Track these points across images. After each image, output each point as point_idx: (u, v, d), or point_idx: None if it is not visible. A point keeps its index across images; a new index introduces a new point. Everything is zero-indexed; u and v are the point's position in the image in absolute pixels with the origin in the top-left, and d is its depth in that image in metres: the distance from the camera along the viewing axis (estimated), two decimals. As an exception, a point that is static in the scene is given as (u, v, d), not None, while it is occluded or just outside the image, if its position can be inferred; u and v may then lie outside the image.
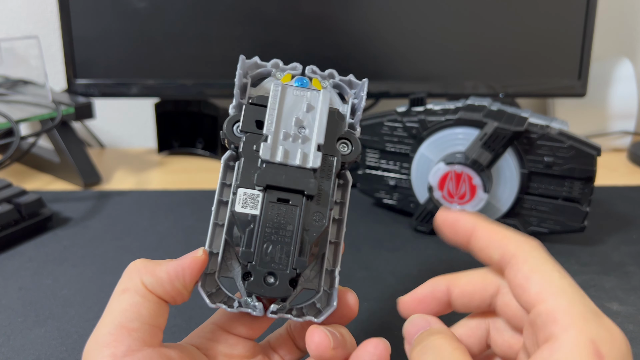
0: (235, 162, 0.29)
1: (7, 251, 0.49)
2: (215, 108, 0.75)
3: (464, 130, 0.50)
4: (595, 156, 0.47)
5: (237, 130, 0.29)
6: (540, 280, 0.22)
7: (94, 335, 0.25)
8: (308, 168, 0.28)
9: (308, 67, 0.30)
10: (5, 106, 0.65)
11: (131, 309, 0.25)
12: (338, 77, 0.31)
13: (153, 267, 0.27)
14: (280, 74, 0.30)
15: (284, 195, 0.27)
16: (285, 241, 0.27)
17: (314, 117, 0.29)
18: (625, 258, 0.48)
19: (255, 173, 0.27)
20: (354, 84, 0.31)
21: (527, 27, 0.67)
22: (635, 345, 0.37)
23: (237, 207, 0.27)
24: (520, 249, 0.24)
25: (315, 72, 0.31)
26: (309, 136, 0.28)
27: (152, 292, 0.26)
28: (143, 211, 0.58)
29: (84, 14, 0.66)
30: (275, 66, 0.30)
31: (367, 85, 0.31)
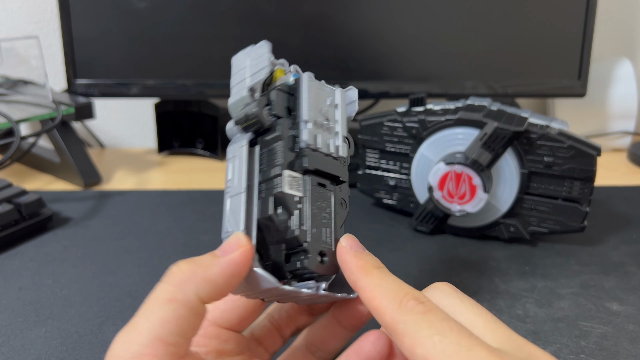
0: (253, 146, 0.29)
1: (8, 251, 0.49)
2: (215, 108, 0.75)
3: (464, 130, 0.50)
4: (595, 156, 0.47)
5: (269, 113, 0.29)
6: (423, 351, 0.22)
7: (124, 340, 0.23)
8: (337, 157, 0.30)
9: (292, 66, 0.32)
10: (5, 106, 0.65)
11: (175, 322, 0.23)
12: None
13: (204, 272, 0.25)
14: (270, 67, 0.32)
15: (322, 180, 0.29)
16: (327, 223, 0.28)
17: (336, 111, 0.30)
18: (625, 258, 0.48)
19: (301, 156, 0.28)
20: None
21: (527, 27, 0.67)
22: (635, 345, 0.37)
23: (285, 188, 0.27)
24: (396, 320, 0.23)
25: (298, 72, 0.32)
26: (335, 128, 0.30)
27: (207, 302, 0.24)
28: (143, 211, 0.58)
29: (84, 14, 0.66)
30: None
31: (356, 93, 0.32)
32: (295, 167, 0.28)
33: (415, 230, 0.54)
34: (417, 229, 0.53)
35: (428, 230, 0.53)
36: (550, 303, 0.41)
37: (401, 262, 0.47)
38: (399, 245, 0.51)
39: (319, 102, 0.30)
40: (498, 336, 0.23)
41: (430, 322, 0.22)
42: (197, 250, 0.49)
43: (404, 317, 0.23)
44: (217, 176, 0.70)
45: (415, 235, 0.53)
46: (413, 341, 0.22)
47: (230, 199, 0.28)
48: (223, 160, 0.76)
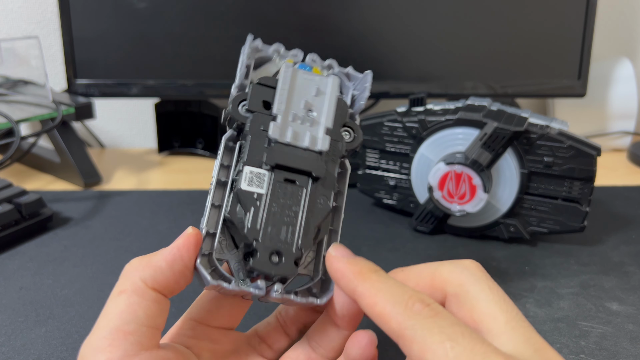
0: (236, 143, 0.29)
1: (8, 251, 0.49)
2: (215, 108, 0.75)
3: (464, 130, 0.50)
4: (595, 156, 0.47)
5: (243, 110, 0.29)
6: (435, 358, 0.21)
7: (88, 339, 0.24)
8: (316, 150, 0.28)
9: (309, 55, 0.31)
10: (5, 106, 0.65)
11: (128, 311, 0.24)
12: (337, 68, 0.31)
13: (149, 260, 0.26)
14: (281, 59, 0.30)
15: (290, 176, 0.27)
16: (290, 221, 0.27)
17: (323, 101, 0.29)
18: (624, 258, 0.48)
19: (263, 152, 0.27)
20: (351, 77, 0.31)
21: (526, 27, 0.67)
22: (635, 345, 0.37)
23: (242, 184, 0.27)
24: (403, 326, 0.22)
25: (315, 61, 0.31)
26: (318, 120, 0.29)
27: (154, 287, 0.25)
28: (143, 211, 0.58)
29: (84, 14, 0.66)
30: (277, 51, 0.31)
31: (370, 77, 0.31)
32: (256, 163, 0.27)
33: (415, 230, 0.54)
34: (417, 229, 0.53)
35: (428, 230, 0.53)
36: (550, 303, 0.41)
37: (401, 262, 0.47)
38: (398, 245, 0.51)
39: (301, 93, 0.29)
40: (517, 337, 0.22)
41: (440, 327, 0.21)
42: (197, 250, 0.49)
43: (411, 322, 0.22)
44: (217, 176, 0.70)
45: (415, 235, 0.53)
46: (423, 347, 0.21)
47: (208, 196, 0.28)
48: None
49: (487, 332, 0.23)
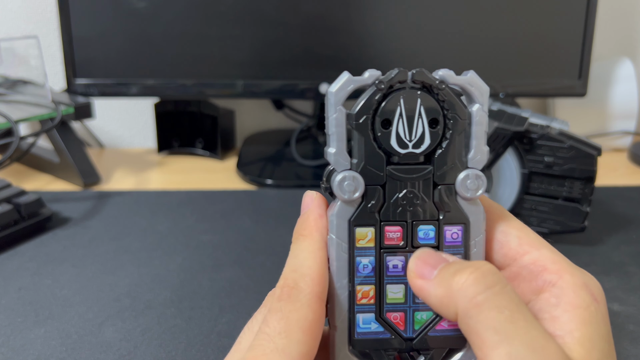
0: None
1: (7, 251, 0.49)
2: (215, 108, 0.75)
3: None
4: (596, 156, 0.47)
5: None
6: (519, 233, 0.23)
7: None
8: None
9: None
10: (5, 106, 0.65)
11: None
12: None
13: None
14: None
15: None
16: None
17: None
18: (625, 258, 0.48)
19: None
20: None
21: (527, 27, 0.67)
22: (636, 345, 0.37)
23: None
24: (492, 208, 0.25)
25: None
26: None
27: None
28: (143, 211, 0.58)
29: (84, 14, 0.66)
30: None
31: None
32: None
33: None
34: (417, 229, 0.53)
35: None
36: (551, 303, 0.41)
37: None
38: (399, 245, 0.51)
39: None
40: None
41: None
42: (197, 251, 0.49)
43: (501, 209, 0.24)
44: (216, 176, 0.70)
45: (415, 235, 0.53)
46: (509, 224, 0.24)
47: None
48: (223, 160, 0.76)
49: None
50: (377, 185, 0.24)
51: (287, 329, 0.22)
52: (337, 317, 0.25)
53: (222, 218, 0.56)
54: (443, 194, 0.25)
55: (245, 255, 0.48)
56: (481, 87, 0.25)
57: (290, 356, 0.21)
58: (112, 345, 0.37)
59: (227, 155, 0.78)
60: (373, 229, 0.25)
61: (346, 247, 0.24)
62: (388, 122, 0.24)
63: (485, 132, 0.25)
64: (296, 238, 0.25)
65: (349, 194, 0.24)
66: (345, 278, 0.25)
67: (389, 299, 0.25)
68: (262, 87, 0.68)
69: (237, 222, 0.55)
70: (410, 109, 0.24)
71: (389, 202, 0.25)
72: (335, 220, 0.24)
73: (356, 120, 0.24)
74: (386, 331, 0.25)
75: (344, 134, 0.24)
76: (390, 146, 0.24)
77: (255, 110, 0.85)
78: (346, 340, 0.25)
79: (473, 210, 0.25)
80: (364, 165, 0.24)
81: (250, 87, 0.67)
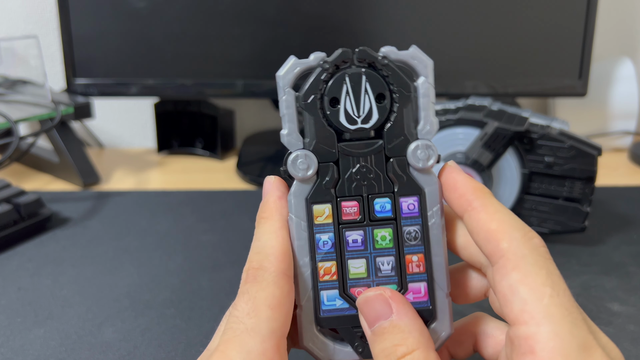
0: None
1: (6, 251, 0.49)
2: (214, 108, 0.75)
3: (465, 130, 0.49)
4: (596, 156, 0.46)
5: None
6: (527, 296, 0.20)
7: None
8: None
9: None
10: (4, 106, 0.65)
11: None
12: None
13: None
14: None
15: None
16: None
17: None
18: (626, 258, 0.48)
19: None
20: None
21: (527, 27, 0.67)
22: (636, 345, 0.37)
23: None
24: (513, 250, 0.22)
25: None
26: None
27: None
28: (142, 211, 0.58)
29: (83, 14, 0.66)
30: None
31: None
32: None
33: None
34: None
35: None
36: (551, 304, 0.41)
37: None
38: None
39: None
40: (561, 326, 0.20)
41: (549, 272, 0.21)
42: (197, 251, 0.49)
43: (525, 251, 0.21)
44: (216, 176, 0.70)
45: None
46: (523, 278, 0.21)
47: None
48: (223, 160, 0.76)
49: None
50: (330, 162, 0.25)
51: (255, 308, 0.22)
52: (302, 296, 0.25)
53: (222, 218, 0.56)
54: (396, 166, 0.25)
55: (245, 255, 0.48)
56: (424, 60, 0.26)
57: (260, 334, 0.22)
58: (111, 345, 0.37)
59: (227, 155, 0.78)
60: (330, 205, 0.25)
61: (305, 225, 0.25)
62: (336, 100, 0.25)
63: (433, 103, 0.25)
64: (258, 222, 0.26)
65: (302, 171, 0.25)
66: (307, 256, 0.25)
67: (352, 274, 0.25)
68: (262, 87, 0.68)
69: (237, 222, 0.55)
70: (356, 86, 0.25)
71: (344, 178, 0.25)
72: (292, 199, 0.25)
73: (304, 101, 0.25)
74: (351, 307, 0.25)
75: (295, 115, 0.25)
76: (339, 123, 0.25)
77: (255, 110, 0.85)
78: (312, 319, 0.25)
79: (427, 180, 0.25)
80: (315, 143, 0.25)
81: (250, 87, 0.67)
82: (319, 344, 0.25)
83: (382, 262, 0.25)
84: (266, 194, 0.26)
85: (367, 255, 0.25)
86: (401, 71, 0.25)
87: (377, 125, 0.25)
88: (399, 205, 0.25)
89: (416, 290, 0.25)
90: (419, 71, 0.26)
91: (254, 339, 0.21)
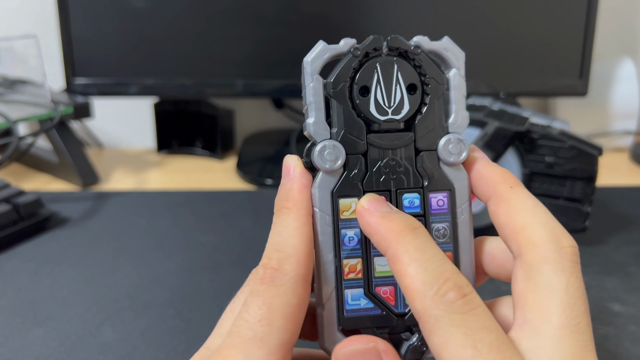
0: None
1: (6, 251, 0.49)
2: (214, 108, 0.75)
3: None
4: (597, 156, 0.46)
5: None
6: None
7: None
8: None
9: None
10: (3, 106, 0.65)
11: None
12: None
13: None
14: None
15: None
16: None
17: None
18: (626, 258, 0.48)
19: None
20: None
21: (528, 26, 0.67)
22: (637, 346, 0.37)
23: None
24: (427, 312, 0.20)
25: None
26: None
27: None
28: (142, 211, 0.58)
29: (83, 13, 0.66)
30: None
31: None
32: None
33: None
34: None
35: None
36: (552, 304, 0.41)
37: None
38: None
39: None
40: (562, 353, 0.19)
41: (468, 328, 0.19)
42: (196, 251, 0.49)
43: (438, 312, 0.19)
44: (216, 176, 0.70)
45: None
46: (442, 344, 0.19)
47: None
48: (222, 160, 0.76)
49: (530, 327, 0.20)
50: (358, 154, 0.24)
51: (269, 316, 0.21)
52: (324, 295, 0.24)
53: (222, 218, 0.55)
54: (426, 160, 0.24)
55: (245, 255, 0.48)
56: (456, 51, 0.25)
57: (268, 345, 0.20)
58: (111, 346, 0.37)
59: (227, 155, 0.77)
60: (357, 199, 0.24)
61: (330, 219, 0.24)
62: (366, 89, 0.24)
63: (464, 96, 0.25)
64: (279, 210, 0.23)
65: (330, 163, 0.23)
66: (331, 253, 0.24)
67: (378, 272, 0.24)
68: (262, 86, 0.67)
69: (237, 222, 0.55)
70: (387, 75, 0.24)
71: (372, 171, 0.24)
72: (317, 192, 0.24)
73: (334, 88, 0.24)
74: (376, 307, 0.24)
75: (322, 104, 0.24)
76: (369, 113, 0.24)
77: (255, 110, 0.85)
78: (335, 320, 0.24)
79: (457, 176, 0.24)
80: (344, 133, 0.24)
81: (250, 87, 0.67)
82: None
83: None
84: (288, 176, 0.24)
85: None
86: (434, 62, 0.24)
87: (408, 116, 0.24)
88: (428, 201, 0.24)
89: None
90: (451, 63, 0.25)
91: (261, 349, 0.20)
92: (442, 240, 0.24)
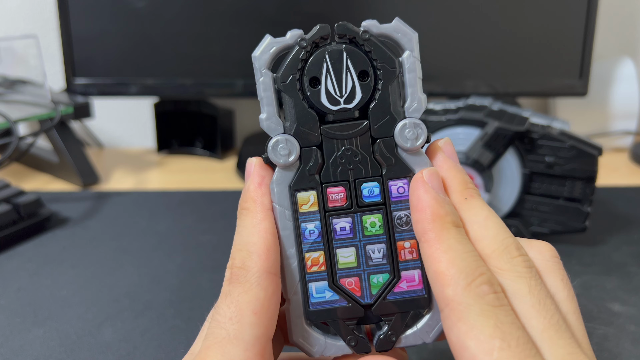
0: None
1: (6, 251, 0.49)
2: (214, 108, 0.75)
3: (465, 130, 0.49)
4: (597, 156, 0.46)
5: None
6: (476, 351, 0.19)
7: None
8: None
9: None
10: (4, 106, 0.65)
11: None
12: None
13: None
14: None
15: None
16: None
17: None
18: (626, 258, 0.48)
19: None
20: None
21: (528, 26, 0.67)
22: (637, 346, 0.37)
23: None
24: (458, 299, 0.20)
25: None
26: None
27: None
28: (142, 211, 0.58)
29: (83, 13, 0.66)
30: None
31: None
32: None
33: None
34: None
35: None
36: (552, 304, 0.41)
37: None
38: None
39: None
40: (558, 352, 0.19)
41: (498, 321, 0.19)
42: (196, 251, 0.49)
43: (468, 300, 0.19)
44: (216, 176, 0.70)
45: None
46: (468, 332, 0.19)
47: None
48: (222, 160, 0.76)
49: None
50: (313, 147, 0.24)
51: (238, 313, 0.21)
52: (290, 289, 0.24)
53: (222, 218, 0.55)
54: (383, 147, 0.24)
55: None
56: (408, 33, 0.24)
57: (243, 341, 0.21)
58: (111, 346, 0.37)
59: (227, 155, 0.77)
60: (314, 192, 0.24)
61: (290, 214, 0.24)
62: (316, 80, 0.23)
63: (420, 78, 0.24)
64: (239, 212, 0.24)
65: (284, 157, 0.23)
66: (293, 247, 0.24)
67: (341, 264, 0.24)
68: (262, 86, 0.67)
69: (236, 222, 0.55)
70: (336, 63, 0.23)
71: (328, 163, 0.24)
72: (275, 187, 0.24)
73: (283, 82, 0.23)
74: (342, 299, 0.24)
75: (273, 98, 0.24)
76: (321, 104, 0.23)
77: (255, 110, 0.85)
78: (302, 313, 0.24)
79: (417, 161, 0.24)
80: (296, 126, 0.24)
81: (250, 87, 0.67)
82: (309, 339, 0.24)
83: (373, 250, 0.24)
84: (247, 178, 0.24)
85: (357, 244, 0.24)
86: (384, 46, 0.23)
87: (361, 104, 0.23)
88: (388, 189, 0.24)
89: (410, 278, 0.24)
90: (404, 45, 0.24)
91: (237, 347, 0.20)
92: (405, 228, 0.24)
